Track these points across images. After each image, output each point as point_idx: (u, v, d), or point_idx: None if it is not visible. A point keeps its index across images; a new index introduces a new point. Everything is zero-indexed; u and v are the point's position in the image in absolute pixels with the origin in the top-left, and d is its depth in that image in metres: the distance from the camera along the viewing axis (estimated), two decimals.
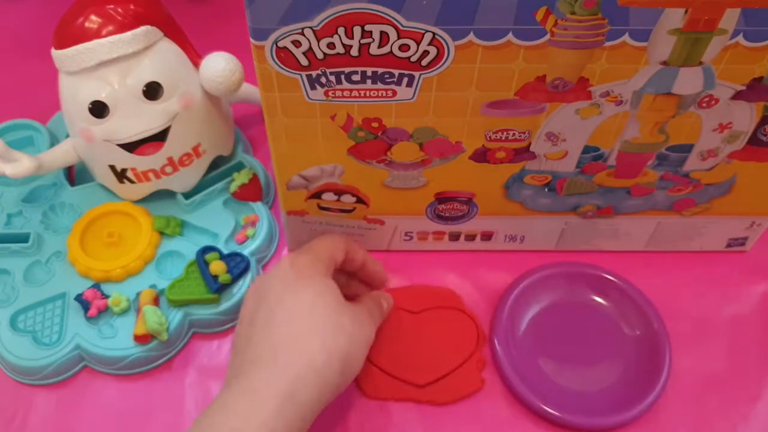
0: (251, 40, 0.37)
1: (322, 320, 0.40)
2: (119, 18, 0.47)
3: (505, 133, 0.43)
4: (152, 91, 0.49)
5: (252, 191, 0.56)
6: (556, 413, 0.45)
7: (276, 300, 0.41)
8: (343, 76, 0.39)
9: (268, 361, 0.38)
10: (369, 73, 0.39)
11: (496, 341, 0.48)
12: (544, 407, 0.45)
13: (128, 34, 0.47)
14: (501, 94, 0.40)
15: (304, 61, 0.38)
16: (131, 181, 0.53)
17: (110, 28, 0.46)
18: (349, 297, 0.46)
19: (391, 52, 0.37)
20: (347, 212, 0.50)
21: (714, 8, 0.35)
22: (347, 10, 0.35)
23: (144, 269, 0.52)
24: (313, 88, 0.40)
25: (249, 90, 0.57)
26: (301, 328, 0.39)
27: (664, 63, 0.38)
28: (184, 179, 0.54)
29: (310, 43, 0.37)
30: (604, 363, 0.48)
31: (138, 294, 0.50)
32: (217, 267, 0.49)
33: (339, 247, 0.45)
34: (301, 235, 0.53)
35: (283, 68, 0.38)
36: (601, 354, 0.49)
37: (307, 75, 0.39)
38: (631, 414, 0.45)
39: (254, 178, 0.56)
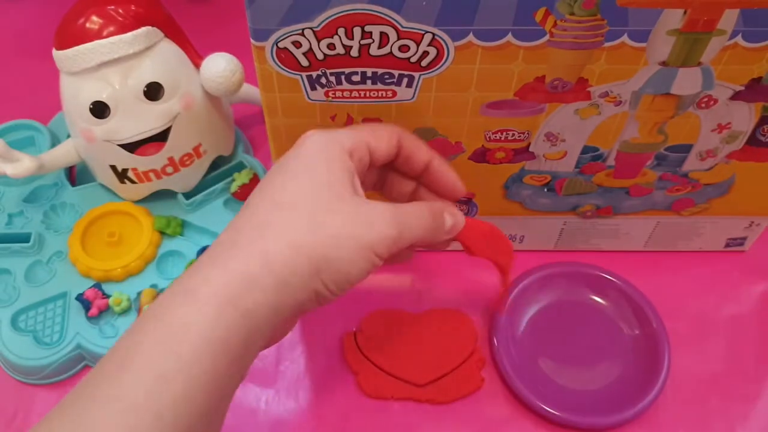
0: (251, 40, 0.37)
1: (296, 217, 0.33)
2: (120, 19, 0.47)
3: (504, 133, 0.43)
4: (153, 91, 0.49)
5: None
6: (556, 413, 0.45)
7: (261, 189, 0.35)
8: (343, 77, 0.39)
9: (221, 256, 0.33)
10: (369, 74, 0.39)
11: (495, 341, 0.48)
12: (544, 407, 0.45)
13: (129, 34, 0.47)
14: (500, 95, 0.40)
15: (304, 62, 0.38)
16: (132, 181, 0.53)
17: (111, 28, 0.47)
18: (400, 195, 0.41)
19: (391, 52, 0.37)
20: None
21: (713, 9, 0.35)
22: (347, 11, 0.35)
23: (145, 269, 0.52)
24: (313, 88, 0.40)
25: (249, 90, 0.57)
26: (267, 225, 0.33)
27: (663, 63, 0.38)
28: (184, 179, 0.54)
29: (310, 43, 0.37)
30: (603, 362, 0.48)
31: (139, 294, 0.50)
32: None
33: (381, 134, 0.37)
34: None
35: (283, 69, 0.39)
36: (600, 353, 0.49)
37: (307, 75, 0.39)
38: (630, 413, 0.45)
39: (255, 179, 0.56)
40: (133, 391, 0.29)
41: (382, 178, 0.41)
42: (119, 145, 0.50)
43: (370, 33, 0.36)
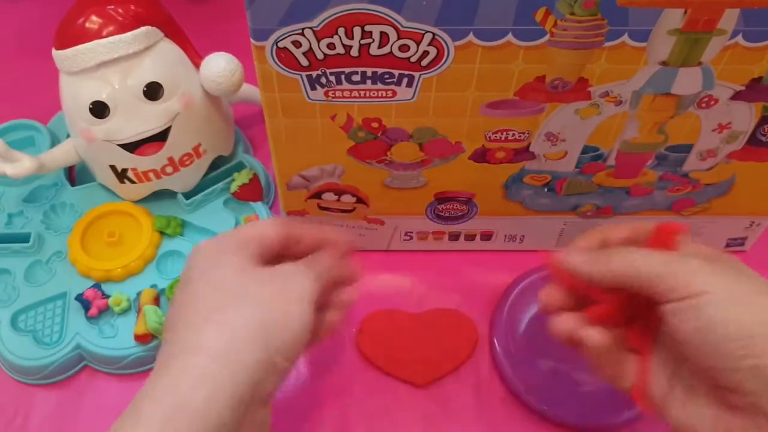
0: (251, 40, 0.37)
1: (218, 298, 0.34)
2: (120, 18, 0.47)
3: (504, 133, 0.43)
4: (153, 91, 0.49)
5: (252, 191, 0.56)
6: (556, 413, 0.45)
7: (183, 283, 0.36)
8: (343, 77, 0.39)
9: (159, 371, 0.33)
10: (369, 74, 0.39)
11: (495, 341, 0.48)
12: (544, 407, 0.45)
13: (129, 34, 0.47)
14: (500, 95, 0.40)
15: (304, 62, 0.38)
16: (132, 181, 0.53)
17: (111, 28, 0.46)
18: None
19: (391, 52, 0.37)
20: (347, 212, 0.50)
21: (713, 8, 0.35)
22: (347, 10, 0.35)
23: (145, 269, 0.52)
24: (313, 88, 0.40)
25: (249, 90, 0.57)
26: (193, 317, 0.34)
27: (664, 63, 0.38)
28: (184, 179, 0.54)
29: (310, 43, 0.37)
30: None
31: (139, 294, 0.50)
32: None
33: (270, 230, 0.38)
34: None
35: (283, 68, 0.39)
36: None
37: (307, 75, 0.39)
38: (630, 413, 0.45)
39: (254, 178, 0.56)
40: None
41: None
42: (119, 145, 0.50)
43: (370, 33, 0.36)
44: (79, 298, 0.49)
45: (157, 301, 0.50)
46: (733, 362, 0.30)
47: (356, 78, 0.39)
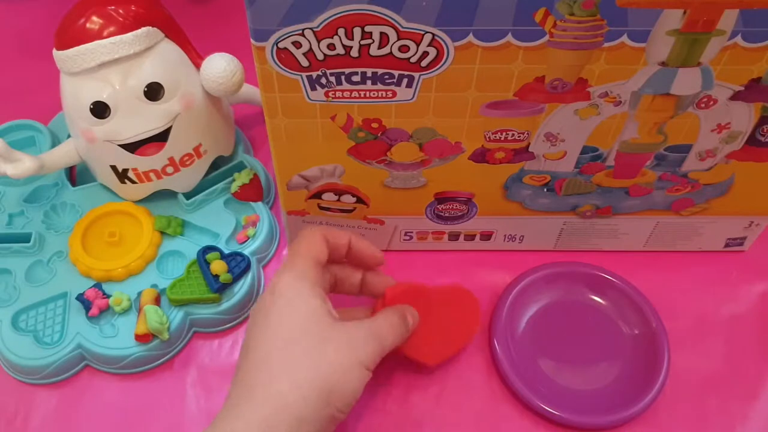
0: (252, 41, 0.37)
1: (298, 353, 0.38)
2: (120, 19, 0.47)
3: (504, 133, 0.43)
4: (153, 91, 0.49)
5: (253, 191, 0.56)
6: (555, 412, 0.45)
7: (255, 333, 0.39)
8: (343, 77, 0.39)
9: (241, 404, 0.37)
10: (369, 74, 0.39)
11: (495, 341, 0.48)
12: (543, 406, 0.45)
13: (129, 35, 0.47)
14: (500, 95, 0.40)
15: (304, 62, 0.38)
16: (132, 182, 0.53)
17: (111, 29, 0.47)
18: (352, 287, 0.46)
19: (390, 53, 0.38)
20: (347, 212, 0.50)
21: (712, 9, 0.35)
22: (347, 11, 0.35)
23: (145, 269, 0.52)
24: (313, 88, 0.40)
25: (250, 91, 0.57)
26: (273, 366, 0.38)
27: (663, 64, 0.38)
28: (185, 179, 0.54)
29: (310, 44, 0.37)
30: (602, 362, 0.48)
31: (139, 293, 0.50)
32: (218, 267, 0.50)
33: (317, 245, 0.42)
34: None
35: (283, 69, 0.39)
36: (599, 353, 0.49)
37: (307, 76, 0.39)
38: (629, 413, 0.45)
39: (255, 178, 0.56)
40: None
41: (332, 282, 0.45)
42: (120, 146, 0.50)
43: (370, 33, 0.36)
44: (80, 297, 0.49)
45: (157, 300, 0.50)
46: None
47: (356, 78, 0.39)
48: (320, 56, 0.38)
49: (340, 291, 0.46)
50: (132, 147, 0.50)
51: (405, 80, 0.39)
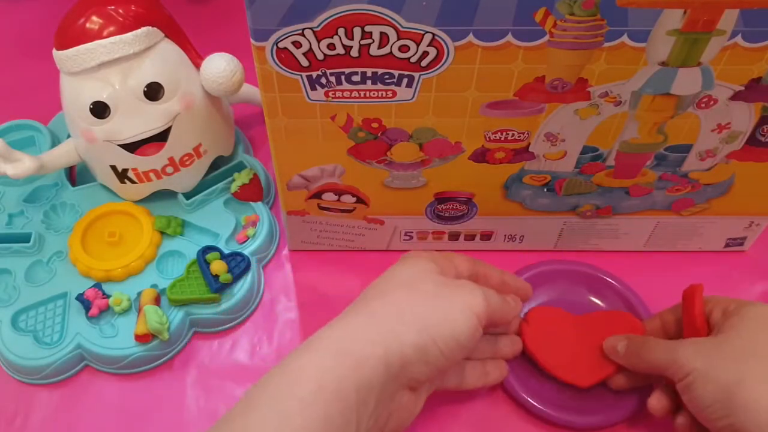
0: (252, 41, 0.37)
1: (412, 290, 0.40)
2: (120, 19, 0.47)
3: (504, 133, 0.43)
4: (153, 91, 0.49)
5: (252, 191, 0.56)
6: (554, 413, 0.45)
7: (377, 280, 0.42)
8: (343, 77, 0.39)
9: (342, 317, 0.39)
10: (369, 74, 0.39)
11: None
12: (542, 407, 0.45)
13: (129, 34, 0.47)
14: (500, 95, 0.40)
15: (304, 62, 0.38)
16: (132, 182, 0.53)
17: (111, 28, 0.47)
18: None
19: (390, 52, 0.38)
20: (347, 212, 0.50)
21: (712, 9, 0.35)
22: (347, 11, 0.35)
23: (145, 269, 0.52)
24: (313, 88, 0.40)
25: (249, 90, 0.57)
26: (388, 296, 0.40)
27: (663, 63, 0.38)
28: (185, 179, 0.54)
29: (310, 44, 0.37)
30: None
31: (139, 293, 0.50)
32: (217, 267, 0.50)
33: (463, 265, 0.44)
34: (302, 235, 0.53)
35: (283, 69, 0.39)
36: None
37: (307, 76, 0.39)
38: (628, 413, 0.45)
39: (255, 178, 0.56)
40: (259, 427, 0.34)
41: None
42: (119, 146, 0.50)
43: (370, 33, 0.36)
44: (80, 297, 0.49)
45: (157, 301, 0.50)
46: (714, 423, 0.38)
47: (356, 78, 0.39)
48: (320, 56, 0.38)
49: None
50: (132, 147, 0.50)
51: (405, 80, 0.39)
